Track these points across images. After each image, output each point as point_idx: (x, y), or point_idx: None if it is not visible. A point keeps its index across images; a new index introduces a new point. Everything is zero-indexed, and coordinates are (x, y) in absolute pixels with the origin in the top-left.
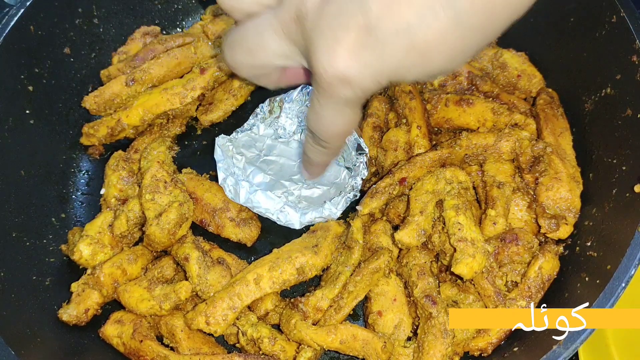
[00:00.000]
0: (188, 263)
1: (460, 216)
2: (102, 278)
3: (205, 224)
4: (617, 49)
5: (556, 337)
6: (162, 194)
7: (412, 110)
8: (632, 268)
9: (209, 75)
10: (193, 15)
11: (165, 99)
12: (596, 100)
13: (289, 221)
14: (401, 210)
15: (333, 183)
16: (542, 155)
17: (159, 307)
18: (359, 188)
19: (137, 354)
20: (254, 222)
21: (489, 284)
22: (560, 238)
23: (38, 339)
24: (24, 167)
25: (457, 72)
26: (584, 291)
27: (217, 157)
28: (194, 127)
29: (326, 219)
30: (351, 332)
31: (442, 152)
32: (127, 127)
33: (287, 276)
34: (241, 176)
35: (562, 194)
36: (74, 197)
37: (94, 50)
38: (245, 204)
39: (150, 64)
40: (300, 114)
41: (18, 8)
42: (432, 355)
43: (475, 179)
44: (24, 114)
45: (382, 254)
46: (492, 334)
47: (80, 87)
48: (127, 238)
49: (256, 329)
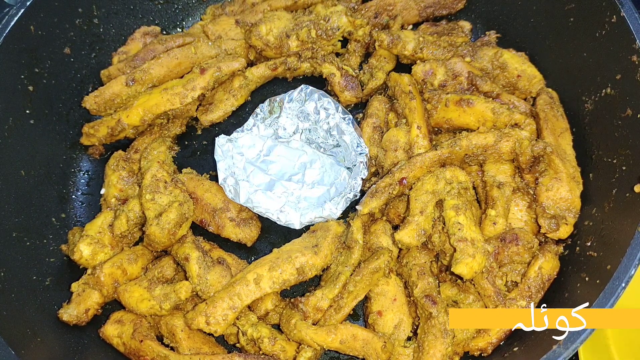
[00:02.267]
0: (188, 263)
1: (460, 216)
2: (102, 278)
3: (206, 224)
4: (617, 49)
5: (556, 337)
6: (162, 194)
7: (412, 110)
8: (632, 268)
9: (209, 75)
10: (193, 15)
11: (165, 99)
12: (596, 100)
13: (289, 221)
14: (401, 210)
15: (333, 183)
16: (542, 155)
17: (159, 307)
18: (359, 188)
19: (137, 354)
20: (254, 222)
21: (489, 284)
22: (560, 238)
23: (38, 339)
24: (24, 167)
25: (457, 72)
26: (584, 291)
27: (217, 157)
28: (194, 127)
29: (326, 219)
30: (351, 332)
31: (442, 152)
32: (127, 127)
33: (287, 276)
34: (241, 176)
35: (562, 194)
36: (74, 197)
37: (94, 50)
38: (245, 204)
39: (151, 64)
40: (300, 114)
41: (18, 8)
42: (432, 355)
43: (475, 179)
44: (24, 114)
45: (382, 254)
46: (492, 334)
47: (80, 87)
48: (127, 238)
49: (256, 328)
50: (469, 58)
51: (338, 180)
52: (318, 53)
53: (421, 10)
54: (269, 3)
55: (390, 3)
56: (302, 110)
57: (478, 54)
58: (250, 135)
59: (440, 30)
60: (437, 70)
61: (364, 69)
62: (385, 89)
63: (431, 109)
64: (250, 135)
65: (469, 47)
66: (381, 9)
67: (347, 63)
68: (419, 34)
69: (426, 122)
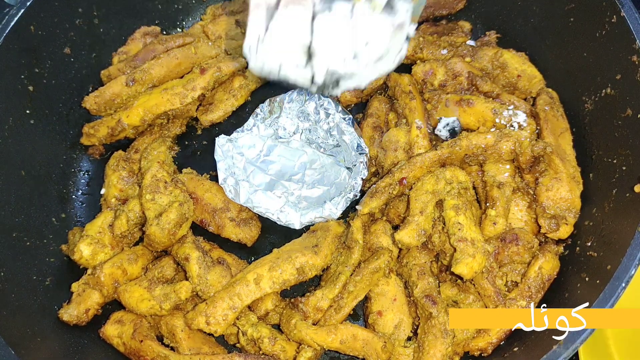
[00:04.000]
0: (188, 263)
1: (460, 216)
2: (102, 278)
3: (206, 224)
4: (617, 49)
5: (556, 337)
6: (162, 194)
7: (412, 110)
8: (632, 268)
9: (209, 75)
10: (193, 15)
11: (165, 99)
12: (596, 100)
13: (289, 221)
14: (401, 210)
15: (333, 183)
16: (542, 156)
17: (159, 307)
18: (359, 188)
19: (137, 354)
20: (254, 222)
21: (489, 284)
22: (560, 238)
23: (38, 339)
24: (24, 167)
25: (457, 72)
26: (584, 291)
27: (217, 157)
28: (194, 127)
29: (326, 218)
30: (351, 332)
31: (442, 152)
32: (127, 127)
33: (287, 276)
34: (241, 176)
35: (562, 194)
36: (74, 197)
37: (94, 50)
38: (245, 204)
39: (151, 64)
40: (300, 114)
41: (18, 8)
42: (432, 355)
43: (475, 179)
44: (24, 114)
45: (382, 254)
46: (492, 334)
47: (80, 87)
48: (128, 238)
49: (256, 329)
50: (469, 58)
51: (338, 180)
52: None
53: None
54: None
55: None
56: (302, 110)
57: (478, 54)
58: (250, 135)
59: (440, 30)
60: (437, 70)
61: None
62: (385, 89)
63: (431, 109)
64: (250, 135)
65: (469, 47)
66: None
67: None
68: (419, 34)
69: (426, 122)
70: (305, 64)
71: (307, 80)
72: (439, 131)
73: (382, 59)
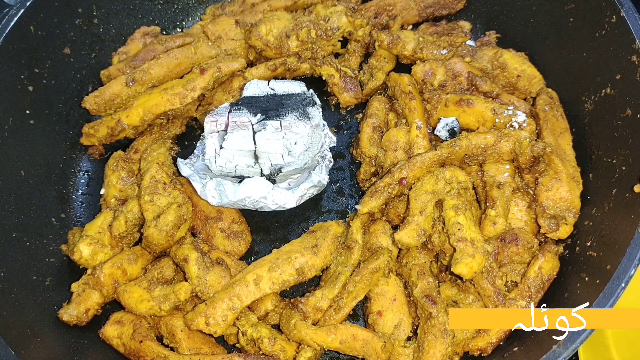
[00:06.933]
0: (187, 264)
1: (460, 216)
2: (102, 278)
3: (196, 231)
4: (617, 49)
5: (556, 337)
6: (161, 195)
7: (412, 110)
8: (632, 268)
9: (209, 75)
10: (193, 15)
11: (165, 99)
12: (596, 100)
13: (285, 202)
14: (401, 210)
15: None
16: (542, 156)
17: (158, 308)
18: (328, 149)
19: (137, 354)
20: (245, 236)
21: (489, 284)
22: (560, 238)
23: (38, 339)
24: (24, 167)
25: (457, 72)
26: (584, 291)
27: (185, 173)
28: (194, 127)
29: (318, 186)
30: (351, 332)
31: (442, 152)
32: (127, 127)
33: (287, 277)
34: (220, 175)
35: (562, 194)
36: (74, 197)
37: (94, 50)
38: (236, 199)
39: (150, 64)
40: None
41: (18, 8)
42: (432, 355)
43: (475, 179)
44: (24, 114)
45: (381, 254)
46: (492, 334)
47: (80, 87)
48: (127, 238)
49: (256, 329)
50: (468, 58)
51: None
52: (318, 53)
53: (421, 11)
54: (269, 3)
55: (390, 3)
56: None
57: (478, 54)
58: (202, 145)
59: (440, 30)
60: (437, 71)
61: (364, 69)
62: (385, 89)
63: (431, 109)
64: (202, 145)
65: (469, 47)
66: (381, 9)
67: (347, 63)
68: (419, 34)
69: (426, 122)
70: (254, 164)
71: (257, 174)
72: (438, 131)
73: (309, 149)
